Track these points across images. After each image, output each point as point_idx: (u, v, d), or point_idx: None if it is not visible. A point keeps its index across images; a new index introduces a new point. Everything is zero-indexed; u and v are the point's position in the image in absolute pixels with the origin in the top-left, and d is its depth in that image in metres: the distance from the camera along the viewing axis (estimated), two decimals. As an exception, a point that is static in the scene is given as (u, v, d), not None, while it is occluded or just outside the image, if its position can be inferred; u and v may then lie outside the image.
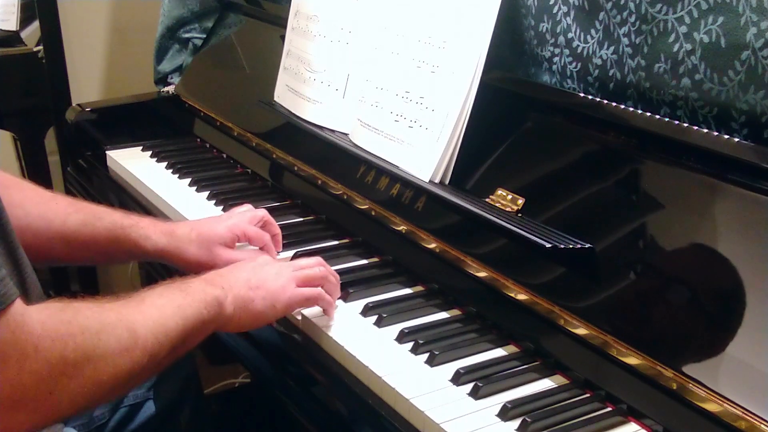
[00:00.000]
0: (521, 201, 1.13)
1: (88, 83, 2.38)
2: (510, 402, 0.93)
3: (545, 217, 1.09)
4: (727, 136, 0.97)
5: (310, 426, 1.07)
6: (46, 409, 0.79)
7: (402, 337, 1.07)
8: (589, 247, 1.02)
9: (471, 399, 0.96)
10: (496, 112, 1.22)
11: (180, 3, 2.01)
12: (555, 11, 1.21)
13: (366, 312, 1.13)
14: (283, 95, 1.61)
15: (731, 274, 0.90)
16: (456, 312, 1.15)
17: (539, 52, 1.25)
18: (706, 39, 0.99)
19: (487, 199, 1.17)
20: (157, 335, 0.90)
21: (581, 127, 1.14)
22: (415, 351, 1.04)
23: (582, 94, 1.17)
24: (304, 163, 1.50)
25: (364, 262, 1.29)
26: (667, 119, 1.05)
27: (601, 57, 1.15)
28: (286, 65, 1.61)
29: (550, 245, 1.01)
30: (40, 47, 2.29)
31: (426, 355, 1.03)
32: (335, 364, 1.06)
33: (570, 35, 1.19)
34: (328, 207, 1.43)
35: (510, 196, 1.14)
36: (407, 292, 1.20)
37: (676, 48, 1.03)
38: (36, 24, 2.28)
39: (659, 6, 1.04)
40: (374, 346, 1.06)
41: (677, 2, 1.02)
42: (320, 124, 1.49)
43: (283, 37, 1.63)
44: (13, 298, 0.76)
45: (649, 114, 1.07)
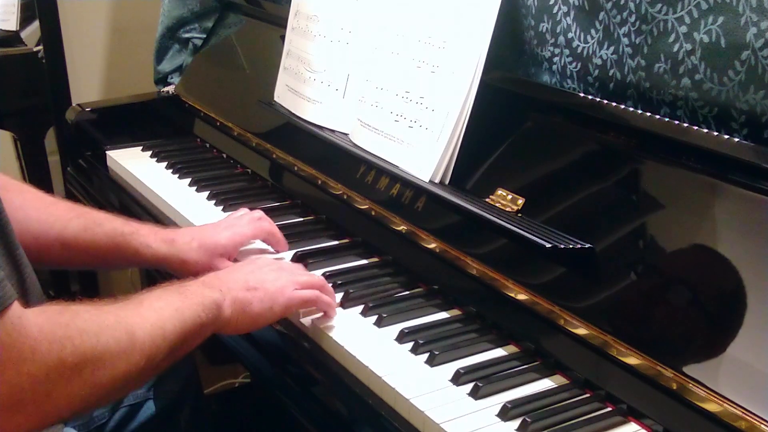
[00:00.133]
0: (521, 201, 1.13)
1: (88, 83, 2.38)
2: (510, 402, 0.93)
3: (545, 217, 1.09)
4: (727, 136, 0.97)
5: (310, 426, 1.06)
6: (44, 411, 0.79)
7: (402, 337, 1.07)
8: (589, 247, 1.02)
9: (471, 399, 0.96)
10: (496, 112, 1.22)
11: (180, 3, 2.01)
12: (555, 11, 1.21)
13: (366, 312, 1.13)
14: (283, 95, 1.61)
15: (731, 274, 0.90)
16: (456, 312, 1.15)
17: (539, 52, 1.25)
18: (706, 39, 0.99)
19: (487, 199, 1.17)
20: (155, 338, 0.90)
21: (581, 127, 1.14)
22: (415, 351, 1.04)
23: (582, 94, 1.17)
24: (304, 163, 1.50)
25: (364, 262, 1.29)
26: (667, 119, 1.05)
27: (601, 57, 1.15)
28: (286, 65, 1.61)
29: (550, 245, 1.01)
30: (40, 47, 2.29)
31: (426, 355, 1.03)
32: (335, 364, 1.06)
33: (570, 35, 1.19)
34: (328, 207, 1.43)
35: (510, 196, 1.14)
36: (407, 292, 1.20)
37: (676, 48, 1.03)
38: (36, 24, 2.27)
39: (659, 6, 1.04)
40: (374, 346, 1.06)
41: (677, 2, 1.02)
42: (320, 124, 1.49)
43: (283, 37, 1.63)
44: (10, 300, 0.76)
45: (649, 114, 1.07)
